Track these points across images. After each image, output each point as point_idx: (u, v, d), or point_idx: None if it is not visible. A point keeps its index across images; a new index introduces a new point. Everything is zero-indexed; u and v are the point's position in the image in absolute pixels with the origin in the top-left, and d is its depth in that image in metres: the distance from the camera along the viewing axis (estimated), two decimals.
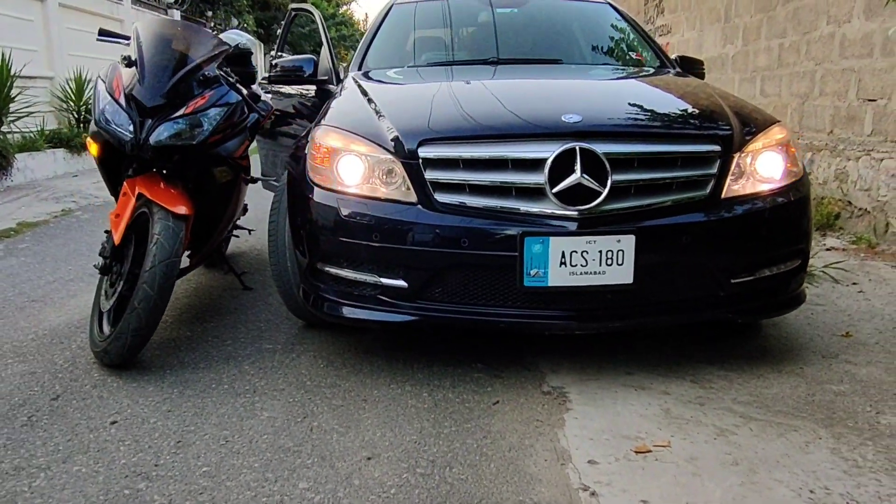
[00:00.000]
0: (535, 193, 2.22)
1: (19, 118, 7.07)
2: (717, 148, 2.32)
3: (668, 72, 3.42)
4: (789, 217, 2.38)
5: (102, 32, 2.85)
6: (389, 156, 2.33)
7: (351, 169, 2.39)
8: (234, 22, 17.94)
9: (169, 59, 2.54)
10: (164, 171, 2.64)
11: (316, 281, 2.47)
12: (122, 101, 2.47)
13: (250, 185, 3.40)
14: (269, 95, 4.05)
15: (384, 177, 2.34)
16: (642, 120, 2.40)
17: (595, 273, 2.17)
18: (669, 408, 2.17)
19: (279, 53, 4.79)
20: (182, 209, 2.47)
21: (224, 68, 2.88)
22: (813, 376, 2.40)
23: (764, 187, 2.36)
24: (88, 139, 2.68)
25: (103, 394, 2.31)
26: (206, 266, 3.83)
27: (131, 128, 2.44)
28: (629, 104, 2.53)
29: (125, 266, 2.52)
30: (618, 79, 3.12)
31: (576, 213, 2.18)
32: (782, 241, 2.37)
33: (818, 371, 2.45)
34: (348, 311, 2.40)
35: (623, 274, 2.18)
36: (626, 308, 2.27)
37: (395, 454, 1.93)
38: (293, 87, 4.03)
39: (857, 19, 4.61)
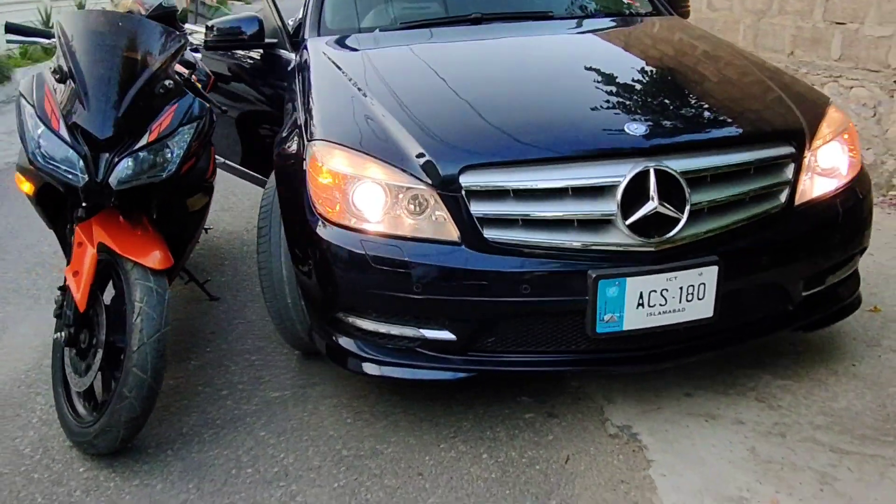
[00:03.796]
0: (600, 224, 1.90)
1: None
2: (790, 150, 2.05)
3: (663, 17, 3.08)
4: (860, 216, 2.19)
5: (11, 28, 2.17)
6: (421, 185, 1.92)
7: (371, 201, 1.97)
8: None
9: (114, 69, 1.95)
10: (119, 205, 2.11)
11: (335, 332, 2.09)
12: (64, 131, 1.89)
13: None
14: (199, 55, 3.40)
15: (412, 208, 1.95)
16: (707, 122, 2.08)
17: (674, 311, 1.92)
18: (754, 446, 2.01)
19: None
20: (160, 260, 1.98)
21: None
22: (871, 378, 2.30)
23: (833, 185, 2.14)
24: (18, 176, 2.08)
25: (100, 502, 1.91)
26: None
27: (82, 166, 1.89)
28: (684, 98, 2.19)
29: (98, 333, 2.03)
30: (642, 52, 2.70)
31: (653, 246, 1.89)
32: (852, 244, 2.19)
33: (871, 368, 2.35)
34: (379, 370, 2.05)
35: (704, 308, 1.94)
36: (700, 341, 2.05)
37: None
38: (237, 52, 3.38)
39: None
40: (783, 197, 2.04)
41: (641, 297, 1.88)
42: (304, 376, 2.46)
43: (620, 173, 1.86)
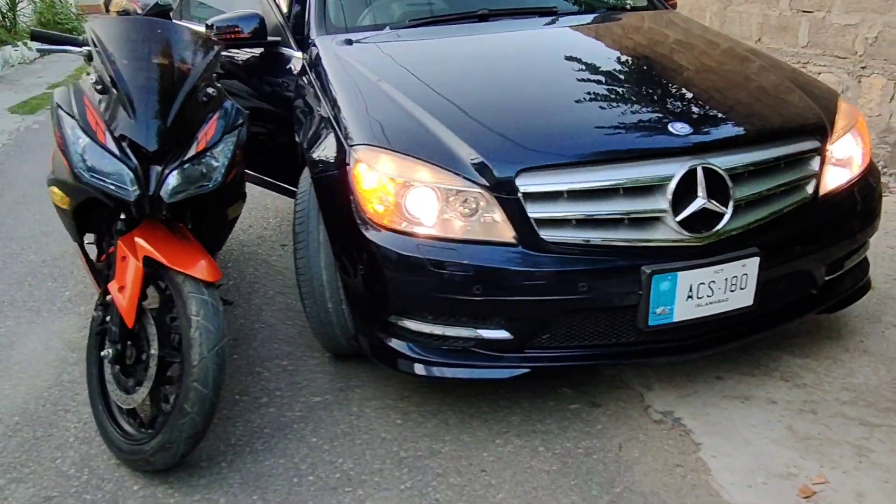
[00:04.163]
0: (649, 221, 1.97)
1: None
2: (816, 144, 2.17)
3: (661, 11, 3.18)
4: (874, 203, 2.33)
5: (37, 35, 2.06)
6: (475, 187, 1.95)
7: (424, 204, 1.99)
8: None
9: (158, 78, 1.90)
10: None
11: (385, 335, 2.10)
12: (111, 144, 1.83)
13: None
14: None
15: (464, 210, 1.98)
16: (742, 119, 2.16)
17: (719, 301, 2.02)
18: (790, 424, 2.14)
19: None
20: (211, 271, 1.95)
21: None
22: (881, 353, 2.47)
23: (850, 175, 2.27)
24: (55, 191, 2.00)
25: None
26: None
27: (133, 180, 1.84)
28: (716, 96, 2.27)
29: (147, 348, 1.99)
30: (660, 48, 2.76)
31: (700, 240, 1.97)
32: (868, 229, 2.33)
33: (879, 344, 2.52)
34: (431, 370, 2.08)
35: (745, 297, 2.04)
36: (739, 328, 2.15)
37: None
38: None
39: None
40: (810, 189, 2.16)
41: (691, 289, 1.97)
42: (340, 379, 2.47)
43: (671, 172, 1.93)
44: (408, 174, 2.00)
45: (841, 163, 2.26)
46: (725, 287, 2.00)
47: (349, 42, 2.77)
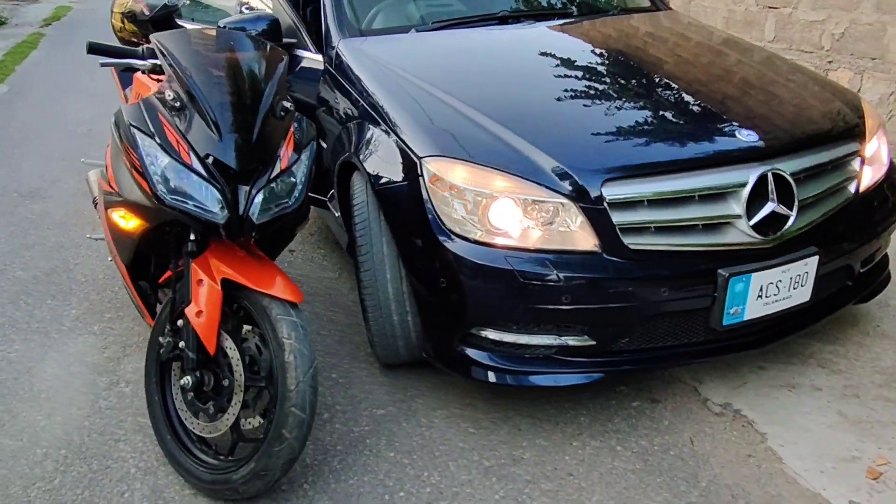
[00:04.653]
0: (722, 226, 2.06)
1: None
2: (857, 145, 2.30)
3: (666, 13, 3.27)
4: None
5: (95, 48, 1.92)
6: (558, 197, 1.98)
7: (507, 215, 2.00)
8: None
9: (237, 93, 1.81)
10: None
11: (465, 346, 2.11)
12: (197, 164, 1.74)
13: None
14: None
15: (543, 219, 2.00)
16: (798, 125, 2.26)
17: (784, 299, 2.13)
18: (840, 409, 2.29)
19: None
20: (295, 292, 1.90)
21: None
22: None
23: (880, 173, 2.43)
24: (124, 212, 1.88)
25: None
26: None
27: (222, 201, 1.76)
28: (770, 102, 2.37)
29: (229, 374, 1.91)
30: (696, 50, 2.83)
31: (769, 242, 2.07)
32: (893, 223, 2.50)
33: (893, 327, 2.71)
34: (506, 378, 2.11)
35: (804, 294, 2.17)
36: (795, 322, 2.28)
37: None
38: None
39: None
40: (852, 188, 2.30)
41: (761, 289, 2.07)
42: (398, 390, 2.45)
43: (745, 178, 2.02)
44: (487, 184, 2.01)
45: (872, 162, 2.41)
46: (790, 285, 2.11)
47: (381, 45, 2.72)
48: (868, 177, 2.38)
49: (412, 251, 2.13)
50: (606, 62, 2.58)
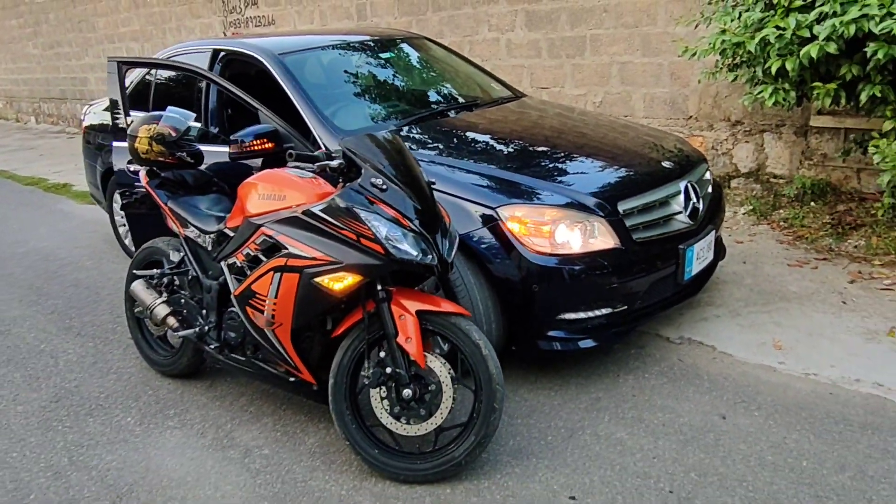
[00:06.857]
0: (671, 219, 3.31)
1: None
2: (707, 162, 3.79)
3: (528, 98, 4.60)
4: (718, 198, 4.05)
5: (300, 158, 2.46)
6: (593, 217, 3.05)
7: (566, 234, 3.00)
8: None
9: (415, 171, 2.57)
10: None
11: (553, 330, 3.03)
12: (413, 227, 2.45)
13: None
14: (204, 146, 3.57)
15: (583, 231, 3.05)
16: (683, 156, 3.65)
17: (705, 259, 3.46)
18: (741, 323, 3.67)
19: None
20: (464, 310, 2.65)
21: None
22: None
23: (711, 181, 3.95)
24: (339, 275, 2.44)
25: None
26: None
27: (431, 248, 2.47)
28: (659, 144, 3.73)
29: (439, 381, 2.57)
30: (595, 124, 4.13)
31: (695, 226, 3.38)
32: (724, 208, 4.03)
33: (734, 275, 4.27)
34: (568, 345, 3.08)
35: (710, 255, 3.53)
36: (705, 274, 3.63)
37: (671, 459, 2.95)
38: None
39: (521, 30, 6.41)
40: (710, 188, 3.75)
41: (697, 254, 3.36)
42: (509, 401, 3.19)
43: (678, 188, 3.32)
44: (544, 216, 3.00)
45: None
46: (706, 249, 3.45)
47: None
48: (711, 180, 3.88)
49: (504, 273, 3.00)
50: (543, 132, 3.78)
